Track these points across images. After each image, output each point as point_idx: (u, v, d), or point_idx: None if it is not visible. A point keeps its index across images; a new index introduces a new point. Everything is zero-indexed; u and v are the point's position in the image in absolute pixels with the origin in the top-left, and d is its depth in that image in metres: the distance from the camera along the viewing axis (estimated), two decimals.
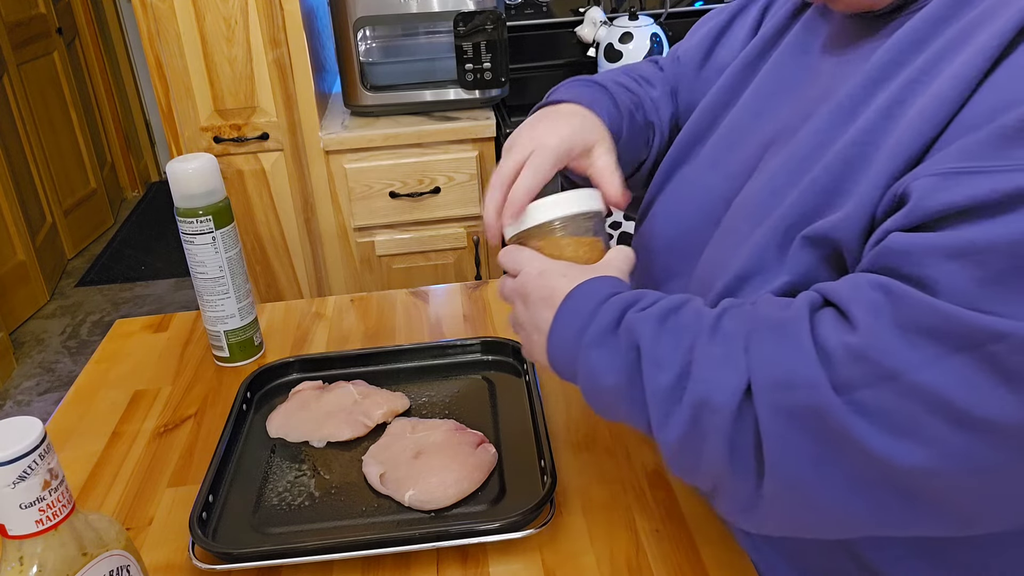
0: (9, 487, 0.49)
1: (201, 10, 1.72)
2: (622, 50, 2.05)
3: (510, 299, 0.69)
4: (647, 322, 0.57)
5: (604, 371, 0.58)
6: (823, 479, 0.49)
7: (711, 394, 0.52)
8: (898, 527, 0.51)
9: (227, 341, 1.02)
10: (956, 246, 0.44)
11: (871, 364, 0.46)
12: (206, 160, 0.95)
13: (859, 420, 0.47)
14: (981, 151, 0.45)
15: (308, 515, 0.77)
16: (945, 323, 0.44)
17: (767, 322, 0.53)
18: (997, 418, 0.44)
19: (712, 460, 0.53)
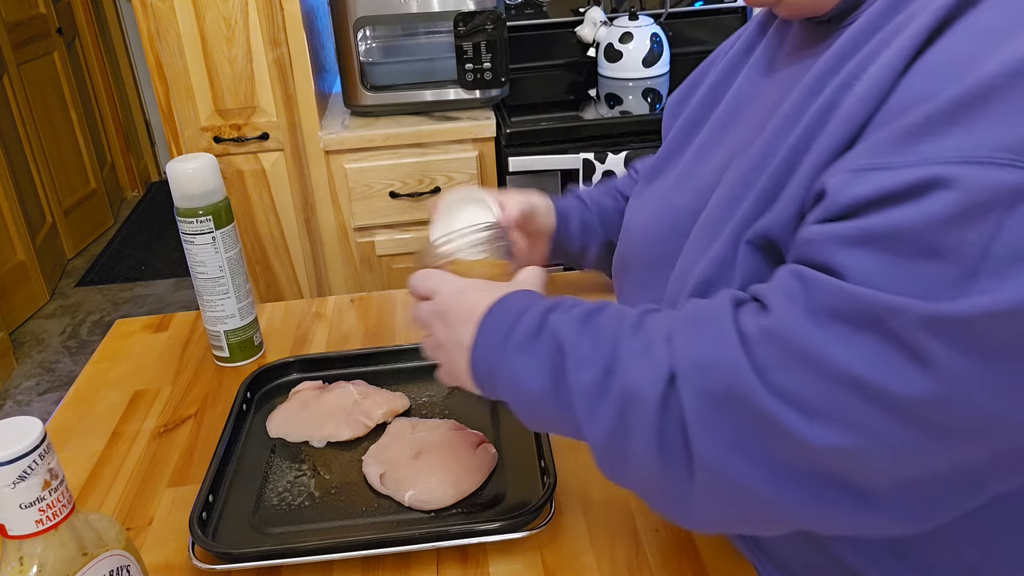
0: (9, 487, 0.49)
1: (201, 10, 1.72)
2: (622, 50, 2.05)
3: (427, 321, 0.68)
4: (569, 324, 0.58)
5: (529, 375, 0.58)
6: (746, 465, 0.50)
7: (635, 385, 0.53)
8: (827, 518, 0.50)
9: (227, 341, 1.02)
10: (861, 234, 0.47)
11: (784, 344, 0.48)
12: (206, 160, 0.95)
13: (775, 400, 0.48)
14: (888, 148, 0.47)
15: (308, 515, 0.77)
16: (851, 303, 0.46)
17: (690, 315, 0.55)
18: (903, 392, 0.45)
19: (641, 454, 0.53)
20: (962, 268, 0.43)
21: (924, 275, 0.44)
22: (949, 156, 0.44)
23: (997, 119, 0.43)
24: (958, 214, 0.43)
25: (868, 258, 0.46)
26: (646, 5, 2.19)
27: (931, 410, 0.45)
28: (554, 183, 1.87)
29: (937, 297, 0.44)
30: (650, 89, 2.03)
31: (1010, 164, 0.42)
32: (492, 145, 1.89)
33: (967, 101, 0.45)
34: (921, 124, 0.46)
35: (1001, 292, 0.42)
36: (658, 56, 2.05)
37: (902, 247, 0.45)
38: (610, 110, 1.96)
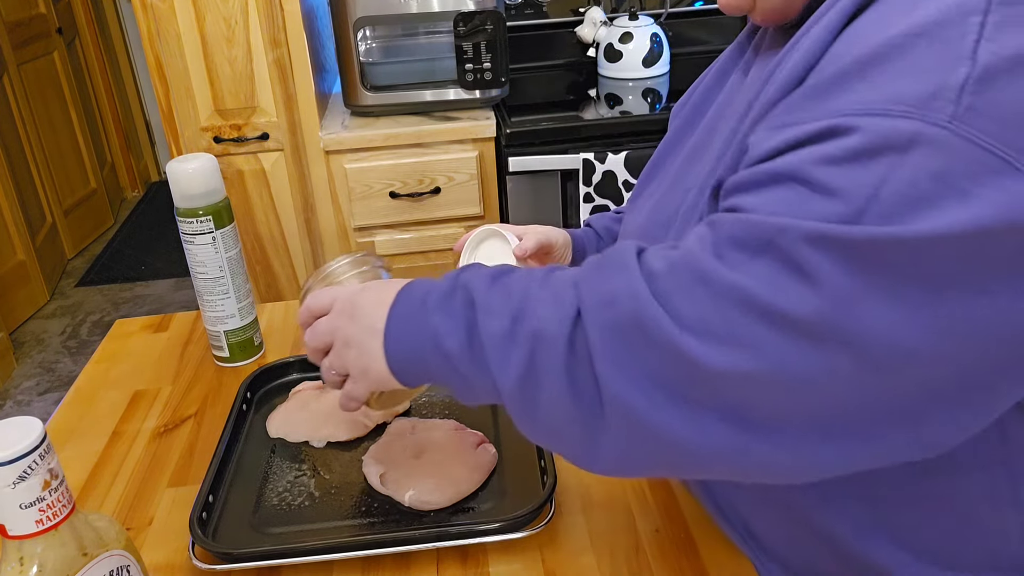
0: (9, 487, 0.49)
1: (201, 10, 1.72)
2: (622, 50, 2.05)
3: (327, 331, 0.66)
4: (480, 280, 0.60)
5: (445, 334, 0.58)
6: (653, 396, 0.50)
7: (543, 327, 0.54)
8: (734, 456, 0.51)
9: (227, 341, 1.02)
10: (764, 176, 0.50)
11: (685, 273, 0.50)
12: (206, 160, 0.95)
13: (675, 326, 0.49)
14: (800, 104, 0.51)
15: (308, 515, 0.77)
16: (747, 229, 0.49)
17: (595, 262, 0.57)
18: (794, 310, 0.46)
19: (552, 396, 0.54)
20: (852, 206, 0.45)
21: (816, 209, 0.46)
22: (851, 108, 0.47)
23: (896, 75, 0.46)
24: (852, 156, 0.46)
25: (769, 195, 0.49)
26: (646, 5, 2.19)
27: (820, 328, 0.46)
28: (554, 183, 1.87)
29: None
30: (650, 89, 2.03)
31: (904, 115, 0.45)
32: (492, 145, 1.89)
33: (870, 59, 0.47)
34: (829, 82, 0.49)
35: (887, 228, 0.44)
36: (658, 56, 2.05)
37: (799, 184, 0.48)
38: (610, 110, 1.96)
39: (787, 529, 0.64)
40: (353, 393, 0.67)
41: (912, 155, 0.44)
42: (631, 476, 0.57)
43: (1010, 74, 0.44)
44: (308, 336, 0.68)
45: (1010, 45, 0.45)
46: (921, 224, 0.44)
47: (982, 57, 0.44)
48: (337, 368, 0.66)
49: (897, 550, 0.59)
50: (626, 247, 0.56)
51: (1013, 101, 0.44)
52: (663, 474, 0.58)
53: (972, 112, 0.44)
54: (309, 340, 0.68)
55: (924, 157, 0.44)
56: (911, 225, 0.44)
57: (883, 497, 0.58)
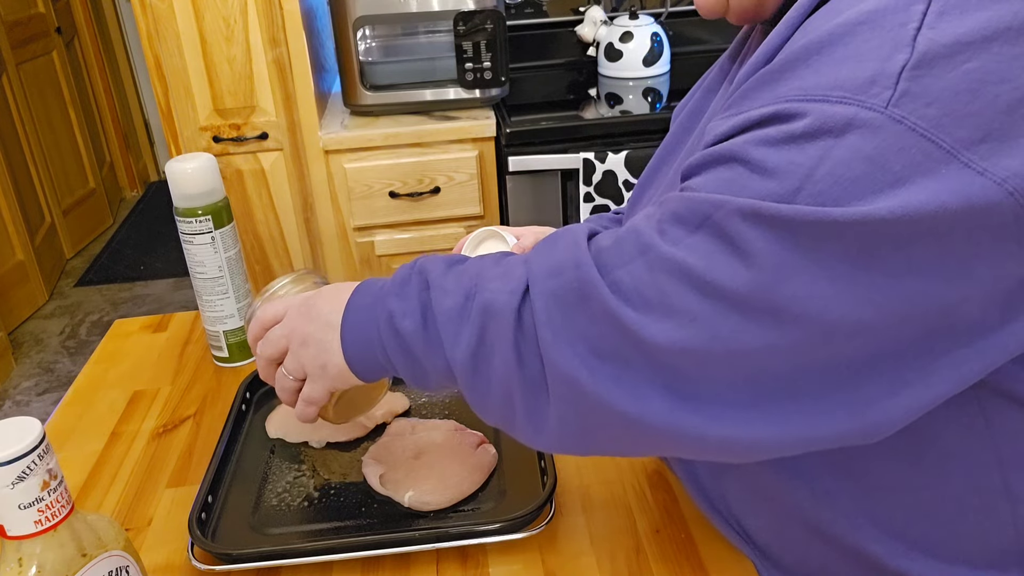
0: (8, 487, 0.49)
1: (200, 9, 1.72)
2: (622, 49, 2.05)
3: (281, 336, 0.67)
4: (437, 264, 0.61)
5: (400, 315, 0.59)
6: (592, 368, 0.52)
7: (493, 300, 0.55)
8: (674, 430, 0.51)
9: (226, 341, 1.01)
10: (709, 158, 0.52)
11: (627, 245, 0.52)
12: (205, 160, 0.95)
13: (615, 297, 0.51)
14: (749, 94, 0.52)
15: (308, 515, 0.76)
16: (687, 206, 0.51)
17: (545, 240, 0.59)
18: (727, 283, 0.48)
19: (502, 371, 0.55)
20: (788, 186, 0.47)
21: (753, 188, 0.48)
22: (794, 94, 0.48)
23: (838, 62, 0.47)
24: (790, 139, 0.47)
25: (712, 175, 0.51)
26: (646, 4, 2.19)
27: (751, 301, 0.48)
28: (554, 183, 1.87)
29: None
30: (650, 88, 2.02)
31: (841, 101, 0.46)
32: (492, 145, 1.88)
33: (816, 47, 0.49)
34: (777, 70, 0.50)
35: (820, 208, 0.45)
36: (658, 55, 2.05)
37: (738, 164, 0.49)
38: (610, 109, 1.96)
39: (779, 525, 0.64)
40: (311, 395, 0.67)
41: (847, 138, 0.45)
42: (578, 453, 0.58)
43: (948, 61, 0.45)
44: (262, 346, 0.69)
45: (949, 32, 0.45)
46: (853, 207, 0.45)
47: (921, 44, 0.45)
48: (293, 371, 0.66)
49: (889, 540, 0.59)
50: (578, 226, 0.57)
51: (950, 88, 0.44)
52: (608, 451, 0.58)
53: (908, 98, 0.44)
54: (263, 350, 0.68)
55: (859, 140, 0.45)
56: (843, 207, 0.45)
57: (873, 489, 0.58)
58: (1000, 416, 0.55)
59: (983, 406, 0.54)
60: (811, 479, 0.59)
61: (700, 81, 0.83)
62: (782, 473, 0.60)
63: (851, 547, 0.60)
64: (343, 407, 0.73)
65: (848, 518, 0.59)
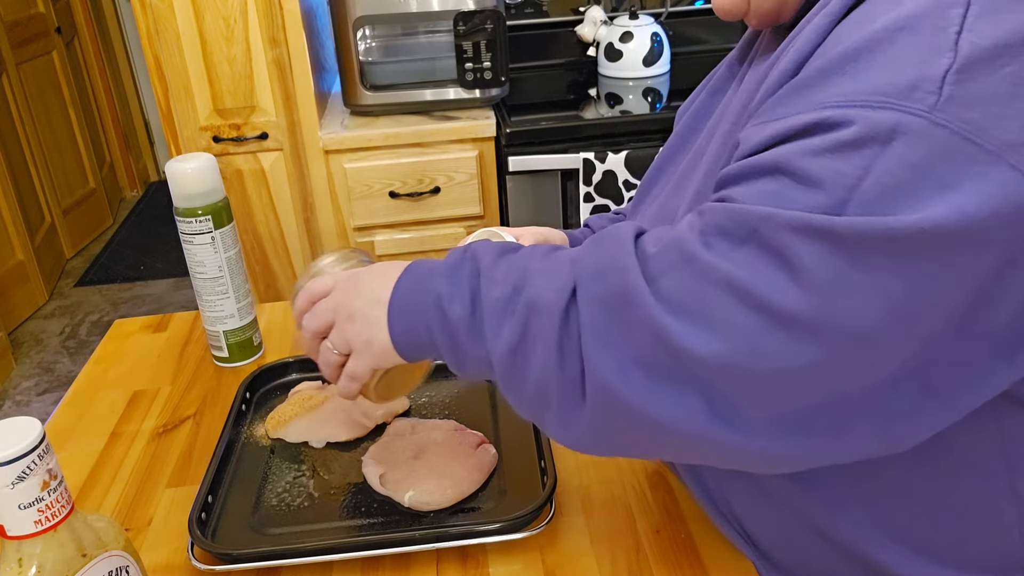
0: (8, 487, 0.49)
1: (200, 9, 1.72)
2: (622, 49, 2.05)
3: (329, 310, 0.66)
4: (488, 251, 0.61)
5: (449, 298, 0.59)
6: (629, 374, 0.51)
7: (539, 296, 0.55)
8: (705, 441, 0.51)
9: (226, 341, 1.01)
10: (751, 168, 0.51)
11: (672, 254, 0.52)
12: (205, 160, 0.95)
13: (660, 306, 0.50)
14: (786, 100, 0.52)
15: (308, 516, 0.76)
16: (732, 219, 0.50)
17: (593, 238, 0.58)
18: (777, 301, 0.47)
19: (540, 369, 0.54)
20: (835, 197, 0.46)
21: (800, 199, 0.47)
22: (834, 101, 0.48)
23: (878, 67, 0.47)
24: (835, 148, 0.47)
25: (755, 187, 0.50)
26: (646, 4, 2.19)
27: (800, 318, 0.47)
28: (554, 183, 1.87)
29: None
30: (650, 88, 2.02)
31: (884, 106, 0.45)
32: (492, 145, 1.88)
33: (854, 53, 0.48)
34: (814, 77, 0.50)
35: (869, 218, 0.45)
36: (658, 55, 2.05)
37: (784, 176, 0.49)
38: (610, 109, 1.96)
39: (784, 528, 0.64)
40: (355, 370, 0.66)
41: (893, 146, 0.45)
42: (603, 454, 0.58)
43: (989, 64, 0.45)
44: (308, 319, 0.68)
45: (990, 35, 0.45)
46: (904, 215, 0.44)
47: (964, 48, 0.45)
48: (339, 344, 0.66)
49: (896, 547, 0.59)
50: (625, 226, 0.56)
51: (990, 91, 0.44)
52: (634, 454, 0.58)
53: (952, 102, 0.44)
54: (309, 323, 0.68)
55: (905, 147, 0.45)
56: (893, 216, 0.44)
57: (882, 495, 0.58)
58: (1012, 422, 0.54)
59: (997, 414, 0.54)
60: (821, 486, 0.59)
61: (705, 81, 0.83)
62: (792, 480, 0.59)
63: (857, 554, 0.60)
64: (384, 387, 0.71)
65: (856, 525, 0.59)
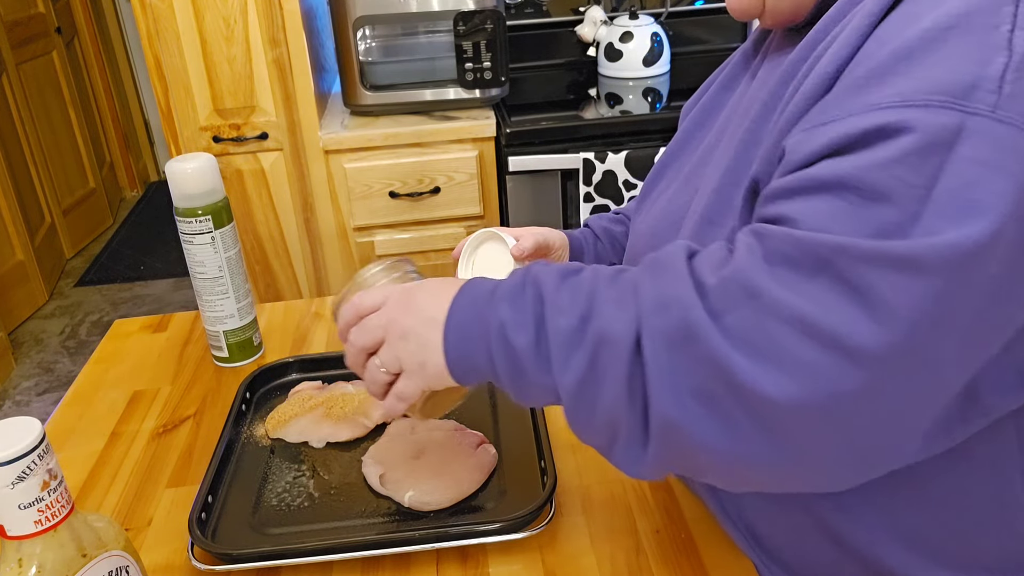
0: (8, 487, 0.49)
1: (200, 9, 1.72)
2: (622, 49, 2.05)
3: (380, 327, 0.63)
4: (550, 275, 0.58)
5: (513, 326, 0.57)
6: (692, 415, 0.49)
7: (609, 328, 0.53)
8: (769, 474, 0.50)
9: (226, 341, 1.01)
10: (810, 183, 0.49)
11: (738, 288, 0.49)
12: (205, 160, 0.95)
13: (727, 344, 0.48)
14: (835, 103, 0.50)
15: (308, 516, 0.76)
16: (800, 248, 0.47)
17: (649, 261, 0.56)
18: (856, 338, 0.45)
19: (610, 402, 0.53)
20: (906, 211, 0.45)
21: (870, 218, 0.45)
22: (891, 101, 0.46)
23: (932, 66, 0.46)
24: (900, 157, 0.45)
25: (818, 205, 0.48)
26: (646, 4, 2.19)
27: (882, 356, 0.45)
28: (554, 183, 1.87)
29: (882, 238, 0.45)
30: (650, 88, 2.02)
31: (944, 106, 0.45)
32: (492, 145, 1.88)
33: (906, 53, 0.47)
34: (864, 77, 0.49)
35: (945, 234, 0.44)
36: (658, 55, 2.05)
37: (849, 192, 0.46)
38: (610, 109, 1.96)
39: (793, 531, 0.64)
40: (405, 391, 0.63)
41: (959, 150, 0.44)
42: (678, 475, 0.57)
43: None
44: (356, 334, 0.65)
45: None
46: (978, 223, 0.43)
47: (1018, 45, 0.45)
48: (389, 364, 0.63)
49: (907, 552, 0.59)
50: (678, 250, 0.55)
51: None
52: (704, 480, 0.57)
53: (1013, 99, 0.44)
54: (357, 338, 0.65)
55: (972, 149, 0.44)
56: (969, 227, 0.43)
57: (899, 501, 0.58)
58: None
59: (1018, 422, 0.53)
60: (839, 494, 0.58)
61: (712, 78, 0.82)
62: None
63: (869, 558, 0.60)
64: (429, 406, 0.69)
65: (871, 530, 0.59)
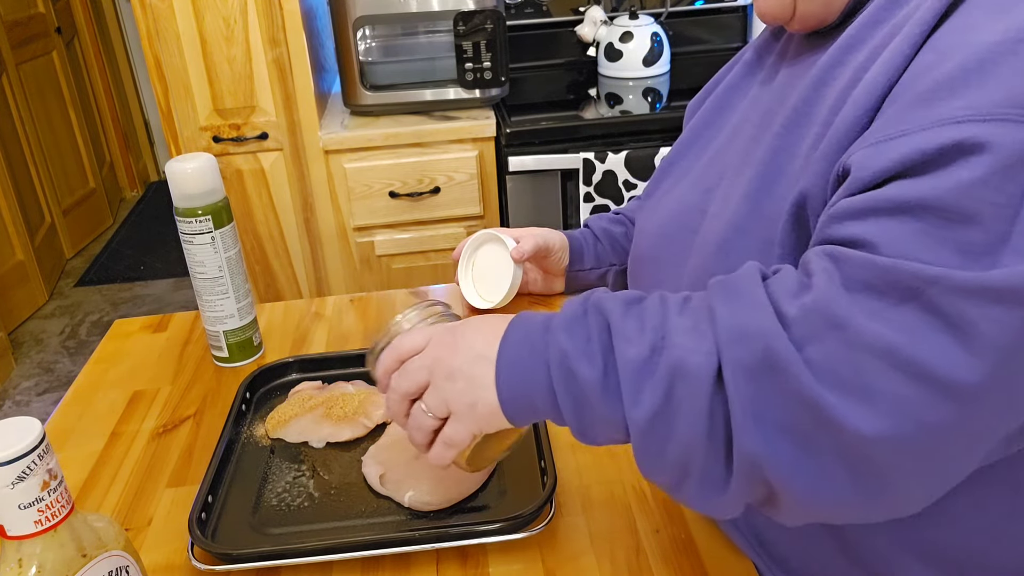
0: (8, 487, 0.49)
1: (200, 10, 1.72)
2: (622, 49, 2.05)
3: (424, 368, 0.60)
4: (614, 302, 0.55)
5: (578, 357, 0.53)
6: (777, 451, 0.48)
7: (686, 360, 0.50)
8: (848, 510, 0.49)
9: (226, 341, 1.01)
10: (888, 204, 0.47)
11: (821, 318, 0.47)
12: (205, 160, 0.95)
13: (812, 377, 0.46)
14: (901, 117, 0.48)
15: (308, 516, 0.76)
16: (884, 276, 0.45)
17: (721, 287, 0.53)
18: (949, 371, 0.44)
19: (686, 438, 0.50)
20: (994, 233, 0.43)
21: (954, 240, 0.44)
22: (963, 115, 0.45)
23: (1004, 79, 0.45)
24: (984, 178, 0.43)
25: (896, 228, 0.46)
26: (646, 4, 2.19)
27: (975, 389, 0.44)
28: (554, 183, 1.87)
29: (972, 265, 0.43)
30: (650, 88, 2.02)
31: (1022, 120, 0.43)
32: (492, 145, 1.89)
33: (975, 65, 0.46)
34: (931, 90, 0.47)
35: None
36: (658, 55, 2.05)
37: (929, 214, 0.45)
38: (610, 109, 1.96)
39: (804, 539, 0.64)
40: (454, 436, 0.59)
41: None
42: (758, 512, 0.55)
43: None
44: (397, 379, 0.61)
45: None
46: None
47: None
48: (435, 407, 0.59)
49: (922, 566, 0.59)
50: (752, 273, 0.52)
51: None
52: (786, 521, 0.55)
53: None
54: (399, 383, 0.61)
55: None
56: None
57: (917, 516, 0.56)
58: None
59: None
60: None
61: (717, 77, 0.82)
62: None
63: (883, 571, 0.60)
64: (476, 453, 0.64)
65: (885, 544, 0.59)
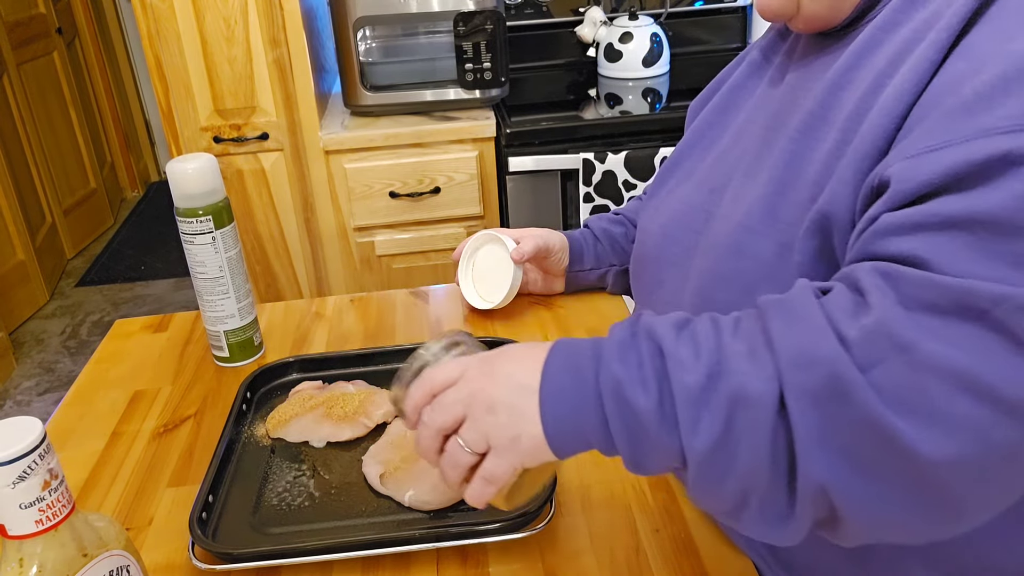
0: (9, 487, 0.49)
1: (201, 10, 1.72)
2: (622, 50, 2.05)
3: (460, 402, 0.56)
4: (664, 326, 0.53)
5: (632, 383, 0.50)
6: (844, 480, 0.46)
7: (746, 386, 0.48)
8: (910, 533, 0.48)
9: (227, 341, 1.01)
10: (939, 219, 0.46)
11: (885, 341, 0.45)
12: (206, 160, 0.95)
13: (880, 403, 0.45)
14: (942, 127, 0.47)
15: (308, 515, 0.77)
16: (946, 295, 0.44)
17: (778, 308, 0.51)
18: (1010, 388, 0.43)
19: (747, 467, 0.48)
20: None
21: (1010, 254, 0.43)
22: (1006, 124, 0.44)
23: None
24: None
25: (949, 244, 0.45)
26: (646, 5, 2.19)
27: None
28: (554, 183, 1.87)
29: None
30: (650, 89, 2.03)
31: None
32: (492, 145, 1.89)
33: (1015, 74, 0.45)
34: (971, 100, 0.46)
35: None
36: (658, 56, 2.05)
37: (983, 229, 0.44)
38: (610, 110, 1.96)
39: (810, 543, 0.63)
40: (495, 472, 0.55)
41: None
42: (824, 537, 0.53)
43: None
44: (431, 414, 0.57)
45: None
46: None
47: None
48: (473, 442, 0.55)
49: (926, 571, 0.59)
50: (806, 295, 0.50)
51: None
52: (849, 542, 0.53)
53: None
54: (432, 418, 0.57)
55: None
56: None
57: None
58: None
59: None
60: None
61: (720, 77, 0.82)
62: None
63: None
64: (514, 490, 0.60)
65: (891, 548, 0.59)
